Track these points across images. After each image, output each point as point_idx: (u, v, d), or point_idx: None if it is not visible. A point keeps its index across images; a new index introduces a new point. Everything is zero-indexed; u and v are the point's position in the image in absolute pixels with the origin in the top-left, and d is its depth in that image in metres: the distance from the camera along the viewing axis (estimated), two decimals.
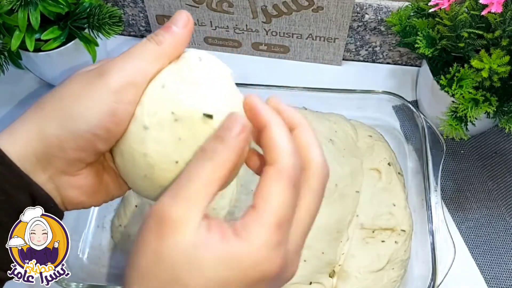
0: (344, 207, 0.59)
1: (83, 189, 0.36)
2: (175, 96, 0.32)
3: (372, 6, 0.71)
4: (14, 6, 0.58)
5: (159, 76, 0.34)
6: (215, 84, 0.33)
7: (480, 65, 0.54)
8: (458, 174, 0.69)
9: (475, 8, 0.56)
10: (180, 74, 0.33)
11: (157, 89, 0.33)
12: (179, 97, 0.32)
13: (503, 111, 0.58)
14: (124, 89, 0.32)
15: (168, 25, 0.34)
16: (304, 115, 0.64)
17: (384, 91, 0.67)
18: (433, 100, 0.68)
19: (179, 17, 0.35)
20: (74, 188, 0.35)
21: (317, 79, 0.78)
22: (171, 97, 0.32)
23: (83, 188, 0.36)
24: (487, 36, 0.55)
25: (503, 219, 0.66)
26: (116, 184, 0.38)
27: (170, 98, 0.32)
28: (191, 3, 0.74)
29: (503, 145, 0.71)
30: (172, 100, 0.32)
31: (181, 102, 0.32)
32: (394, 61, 0.80)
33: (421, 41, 0.60)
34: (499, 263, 0.63)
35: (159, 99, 0.33)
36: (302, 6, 0.71)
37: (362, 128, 0.68)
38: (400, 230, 0.59)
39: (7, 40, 0.62)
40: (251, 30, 0.77)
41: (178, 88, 0.33)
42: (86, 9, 0.65)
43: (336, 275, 0.57)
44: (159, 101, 0.33)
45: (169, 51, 0.34)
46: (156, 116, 0.32)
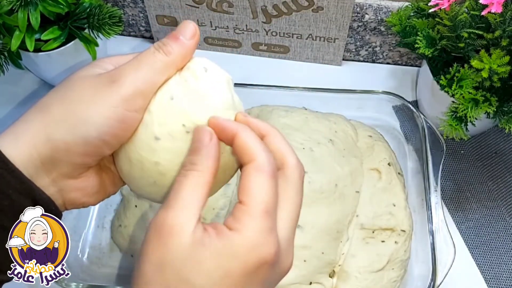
0: (344, 207, 0.59)
1: (85, 191, 0.36)
2: (185, 108, 0.34)
3: (372, 6, 0.71)
4: (14, 6, 0.58)
5: (167, 86, 0.35)
6: (221, 94, 0.35)
7: (480, 65, 0.54)
8: (458, 174, 0.69)
9: (475, 8, 0.56)
10: (188, 85, 0.35)
11: (165, 100, 0.34)
12: (189, 109, 0.34)
13: (503, 111, 0.58)
14: (133, 97, 0.33)
15: (176, 35, 0.35)
16: (304, 115, 0.65)
17: (384, 91, 0.67)
18: (433, 100, 0.68)
19: (187, 27, 0.35)
20: (77, 190, 0.36)
21: (317, 79, 0.78)
22: (181, 109, 0.34)
23: (85, 190, 0.36)
24: (487, 36, 0.55)
25: (503, 219, 0.66)
26: (112, 182, 0.39)
27: (180, 110, 0.34)
28: (191, 3, 0.74)
29: (503, 145, 0.71)
30: (183, 112, 0.34)
31: (191, 114, 0.34)
32: (394, 61, 0.80)
33: (421, 41, 0.60)
34: (499, 263, 0.63)
35: (169, 111, 0.34)
36: (302, 6, 0.71)
37: (362, 128, 0.68)
38: (400, 230, 0.59)
39: (7, 40, 0.62)
40: (251, 30, 0.77)
41: (187, 100, 0.34)
42: (86, 9, 0.65)
43: (336, 275, 0.57)
44: (169, 113, 0.34)
45: (177, 61, 0.35)
46: (167, 127, 0.34)
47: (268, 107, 0.68)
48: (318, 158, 0.60)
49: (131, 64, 0.34)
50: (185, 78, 0.35)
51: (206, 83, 0.35)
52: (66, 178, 0.34)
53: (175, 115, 0.34)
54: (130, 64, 0.34)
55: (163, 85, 0.35)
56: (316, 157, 0.60)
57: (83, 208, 0.38)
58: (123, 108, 0.33)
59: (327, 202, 0.58)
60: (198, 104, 0.34)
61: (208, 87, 0.35)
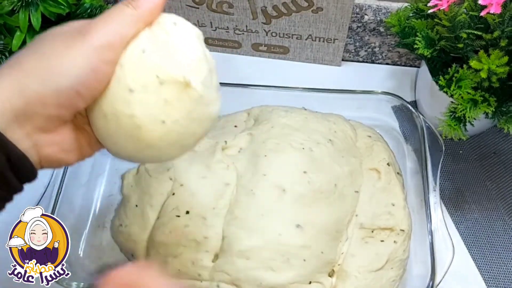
0: (344, 207, 0.59)
1: (60, 146, 0.36)
2: (157, 60, 0.35)
3: (371, 7, 0.71)
4: (15, 7, 0.59)
5: (137, 41, 0.35)
6: (192, 46, 0.36)
7: (479, 65, 0.54)
8: (457, 174, 0.69)
9: (474, 9, 0.56)
10: (158, 39, 0.35)
11: (137, 54, 0.35)
12: (161, 61, 0.35)
13: (501, 111, 0.58)
14: (104, 48, 0.34)
15: None
16: (304, 115, 0.65)
17: (383, 92, 0.67)
18: (432, 100, 0.68)
19: None
20: (52, 145, 0.36)
21: (316, 79, 0.78)
22: (153, 62, 0.35)
23: (60, 145, 0.36)
24: (486, 37, 0.55)
25: (501, 219, 0.66)
26: (88, 143, 0.39)
27: (152, 62, 0.34)
28: (191, 4, 0.74)
29: (502, 145, 0.72)
30: (155, 64, 0.34)
31: (164, 66, 0.34)
32: (393, 61, 0.80)
33: (420, 42, 0.60)
34: (497, 263, 0.63)
35: (141, 63, 0.34)
36: (302, 7, 0.71)
37: (361, 128, 0.68)
38: (399, 230, 0.59)
39: (8, 41, 0.62)
40: (251, 31, 0.77)
41: (159, 53, 0.35)
42: (86, 10, 0.65)
43: (336, 275, 0.57)
44: (142, 65, 0.34)
45: (145, 15, 0.35)
46: (140, 79, 0.34)
47: (268, 107, 0.68)
48: (318, 158, 0.60)
49: (101, 18, 0.35)
50: (155, 33, 0.36)
51: (176, 36, 0.36)
52: (41, 131, 0.34)
53: (148, 67, 0.34)
54: (100, 18, 0.35)
55: (134, 40, 0.35)
56: (316, 157, 0.60)
57: (58, 167, 0.37)
58: (95, 58, 0.33)
59: (327, 202, 0.58)
60: (169, 55, 0.35)
61: (178, 40, 0.35)
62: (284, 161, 0.59)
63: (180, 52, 0.35)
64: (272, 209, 0.56)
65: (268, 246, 0.55)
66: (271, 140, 0.61)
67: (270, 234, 0.55)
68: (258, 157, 0.60)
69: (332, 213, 0.58)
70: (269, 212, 0.56)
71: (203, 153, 0.62)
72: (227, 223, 0.57)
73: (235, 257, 0.55)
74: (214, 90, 0.37)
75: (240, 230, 0.56)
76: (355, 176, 0.62)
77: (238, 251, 0.55)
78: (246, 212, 0.56)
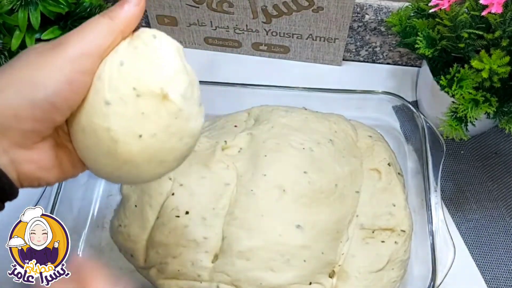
0: (344, 207, 0.59)
1: (39, 164, 0.35)
2: (135, 72, 0.34)
3: (372, 6, 0.71)
4: (15, 6, 0.58)
5: (116, 53, 0.35)
6: (171, 59, 0.35)
7: (480, 65, 0.54)
8: (458, 175, 0.69)
9: (475, 9, 0.56)
10: (137, 51, 0.35)
11: (115, 66, 0.34)
12: (139, 73, 0.34)
13: (503, 111, 0.58)
14: (79, 58, 0.33)
15: (121, 2, 0.36)
16: (304, 115, 0.65)
17: (384, 92, 0.67)
18: (433, 100, 0.68)
19: None
20: (30, 163, 0.34)
21: (317, 79, 0.78)
22: (131, 74, 0.34)
23: (38, 163, 0.35)
24: (487, 37, 0.55)
25: (503, 220, 0.66)
26: (70, 163, 0.38)
27: (130, 75, 0.34)
28: (191, 3, 0.74)
29: (503, 145, 0.71)
30: (132, 77, 0.34)
31: (141, 78, 0.34)
32: (394, 61, 0.80)
33: (421, 42, 0.60)
34: (499, 263, 0.63)
35: (119, 76, 0.34)
36: (302, 6, 0.71)
37: (362, 128, 0.68)
38: (400, 231, 0.59)
39: (7, 40, 0.62)
40: (251, 30, 0.77)
41: (137, 65, 0.34)
42: (86, 9, 0.65)
43: (336, 275, 0.57)
44: (119, 77, 0.34)
45: (121, 26, 0.35)
46: (117, 91, 0.34)
47: (268, 107, 0.68)
48: (318, 158, 0.60)
49: (76, 30, 0.35)
50: (134, 45, 0.35)
51: (154, 48, 0.35)
52: (18, 147, 0.33)
53: (125, 80, 0.34)
54: (75, 30, 0.35)
55: (113, 52, 0.35)
56: (316, 157, 0.60)
57: (38, 187, 0.36)
58: (70, 70, 0.33)
59: (327, 202, 0.58)
60: (148, 68, 0.34)
61: (157, 52, 0.35)
62: (285, 161, 0.59)
63: (158, 65, 0.35)
64: (272, 209, 0.56)
65: (268, 247, 0.55)
66: (271, 140, 0.61)
67: (270, 234, 0.55)
68: (258, 157, 0.59)
69: (333, 214, 0.58)
70: (269, 212, 0.56)
71: (203, 153, 0.61)
72: (227, 224, 0.56)
73: (235, 257, 0.55)
74: (195, 104, 0.36)
75: (240, 231, 0.55)
76: (356, 176, 0.62)
77: (238, 251, 0.55)
78: (246, 212, 0.56)
